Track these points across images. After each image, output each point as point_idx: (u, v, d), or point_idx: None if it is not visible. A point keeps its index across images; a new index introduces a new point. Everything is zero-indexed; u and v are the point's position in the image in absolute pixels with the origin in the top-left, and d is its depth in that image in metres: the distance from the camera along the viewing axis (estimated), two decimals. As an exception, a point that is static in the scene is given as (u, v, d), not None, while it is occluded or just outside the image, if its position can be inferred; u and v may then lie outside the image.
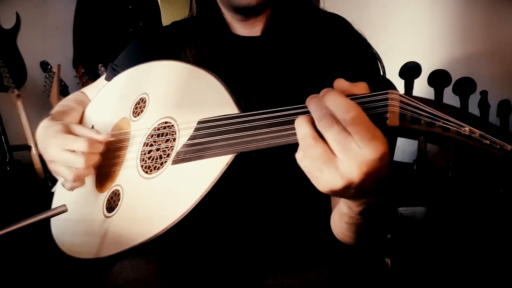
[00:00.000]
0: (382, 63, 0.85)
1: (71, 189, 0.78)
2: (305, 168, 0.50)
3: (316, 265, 0.83)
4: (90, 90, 1.04)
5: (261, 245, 0.82)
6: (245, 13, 0.83)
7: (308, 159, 0.49)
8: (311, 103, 0.48)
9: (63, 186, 0.78)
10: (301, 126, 0.49)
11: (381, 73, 0.85)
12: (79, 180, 0.77)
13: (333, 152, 0.47)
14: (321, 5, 0.94)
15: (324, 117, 0.47)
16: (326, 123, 0.46)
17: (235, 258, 0.82)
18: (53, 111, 0.92)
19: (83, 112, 0.95)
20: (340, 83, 0.50)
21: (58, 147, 0.76)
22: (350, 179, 0.47)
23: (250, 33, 0.87)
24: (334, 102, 0.46)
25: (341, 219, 0.64)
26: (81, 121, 0.94)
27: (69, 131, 0.78)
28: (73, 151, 0.75)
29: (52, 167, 0.79)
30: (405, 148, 1.86)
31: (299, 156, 0.50)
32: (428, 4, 2.09)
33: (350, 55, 0.82)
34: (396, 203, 1.54)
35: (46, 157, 0.79)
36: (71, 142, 0.75)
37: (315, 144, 0.47)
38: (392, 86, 0.91)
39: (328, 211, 0.75)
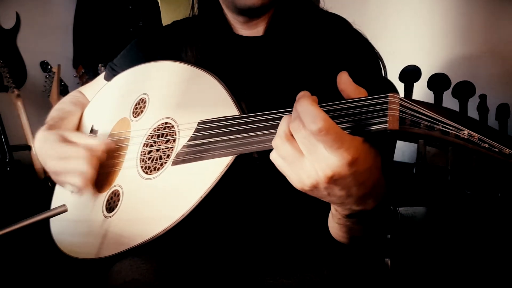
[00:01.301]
0: (384, 63, 0.85)
1: (81, 194, 0.76)
2: (278, 166, 0.53)
3: (315, 266, 0.82)
4: (88, 89, 1.04)
5: (261, 246, 0.82)
6: (249, 14, 0.83)
7: (279, 157, 0.51)
8: (295, 103, 0.49)
9: (74, 193, 0.77)
10: (280, 125, 0.51)
11: (383, 74, 0.85)
12: (88, 185, 0.75)
13: (301, 152, 0.49)
14: (321, 5, 0.94)
15: (295, 119, 0.48)
16: (294, 125, 0.48)
17: (235, 258, 0.82)
18: (49, 117, 0.91)
19: (81, 114, 0.95)
20: (343, 78, 0.51)
21: (57, 158, 0.75)
22: (316, 179, 0.49)
23: (252, 34, 0.87)
24: (303, 110, 0.47)
25: (332, 219, 0.66)
26: (79, 123, 0.94)
27: (65, 140, 0.77)
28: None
29: (57, 178, 0.78)
30: (405, 149, 1.86)
31: (273, 155, 0.53)
32: (428, 6, 2.10)
33: (352, 55, 0.82)
34: (396, 203, 1.54)
35: (48, 170, 0.78)
36: (71, 151, 0.74)
37: (283, 143, 0.50)
38: (393, 87, 0.91)
39: (328, 212, 0.75)
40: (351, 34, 0.85)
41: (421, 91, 1.78)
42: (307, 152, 0.48)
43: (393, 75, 1.81)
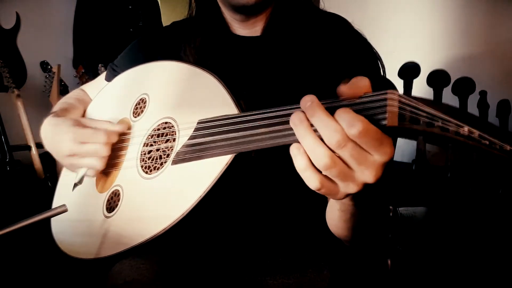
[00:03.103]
0: (383, 62, 0.85)
1: (95, 175, 0.79)
2: (326, 188, 0.50)
3: (316, 265, 0.83)
4: (91, 88, 1.04)
5: (260, 245, 0.82)
6: (244, 12, 0.83)
7: (329, 179, 0.49)
8: (318, 120, 0.47)
9: (86, 175, 0.79)
10: (318, 150, 0.48)
11: (382, 73, 0.85)
12: (104, 167, 0.78)
13: (349, 165, 0.48)
14: (321, 5, 0.94)
15: (336, 134, 0.46)
16: (340, 141, 0.46)
17: (234, 258, 0.82)
18: (55, 108, 0.92)
19: (84, 111, 0.95)
20: (342, 89, 0.49)
21: (76, 141, 0.76)
22: (366, 182, 0.49)
23: (250, 33, 0.87)
24: (339, 118, 0.47)
25: (334, 208, 0.65)
26: None
27: (82, 125, 0.78)
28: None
29: (70, 161, 0.78)
30: (404, 148, 1.86)
31: (320, 181, 0.49)
32: (428, 5, 2.10)
33: (350, 55, 0.82)
34: (396, 203, 1.54)
35: (61, 153, 0.79)
36: (90, 135, 0.76)
37: (335, 164, 0.48)
38: (392, 86, 0.91)
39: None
40: (349, 34, 0.85)
41: (420, 87, 1.77)
42: (357, 162, 0.47)
43: (393, 74, 1.82)
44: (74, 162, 0.78)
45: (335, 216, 0.68)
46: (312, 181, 0.50)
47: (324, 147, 0.47)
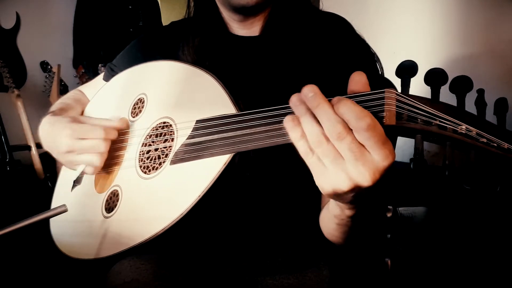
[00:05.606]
0: (381, 63, 0.85)
1: (94, 173, 0.78)
2: (311, 164, 0.50)
3: (315, 265, 0.83)
4: (88, 88, 1.04)
5: (260, 245, 0.82)
6: (244, 12, 0.83)
7: (315, 156, 0.49)
8: (320, 111, 0.47)
9: (85, 173, 0.78)
10: (310, 125, 0.48)
11: (380, 73, 0.85)
12: (103, 164, 0.77)
13: (342, 156, 0.47)
14: (321, 6, 0.94)
15: (338, 126, 0.46)
16: (341, 132, 0.46)
17: (234, 258, 0.82)
18: (53, 108, 0.92)
19: (82, 111, 0.95)
20: (358, 78, 0.50)
21: (73, 137, 0.76)
22: (359, 183, 0.47)
23: (248, 33, 0.87)
24: (348, 109, 0.46)
25: (331, 220, 0.65)
26: None
27: (80, 122, 0.77)
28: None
29: (69, 157, 0.78)
30: (405, 148, 1.86)
31: (305, 153, 0.49)
32: (427, 5, 2.10)
33: (349, 55, 0.82)
34: (396, 203, 1.54)
35: (59, 149, 0.78)
36: (88, 130, 0.75)
37: (327, 141, 0.47)
38: (391, 86, 0.91)
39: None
40: (348, 34, 0.85)
41: (418, 86, 1.78)
42: (354, 156, 0.47)
43: (393, 74, 1.82)
44: (72, 158, 0.77)
45: (332, 228, 0.68)
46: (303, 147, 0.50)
47: (319, 125, 0.48)
